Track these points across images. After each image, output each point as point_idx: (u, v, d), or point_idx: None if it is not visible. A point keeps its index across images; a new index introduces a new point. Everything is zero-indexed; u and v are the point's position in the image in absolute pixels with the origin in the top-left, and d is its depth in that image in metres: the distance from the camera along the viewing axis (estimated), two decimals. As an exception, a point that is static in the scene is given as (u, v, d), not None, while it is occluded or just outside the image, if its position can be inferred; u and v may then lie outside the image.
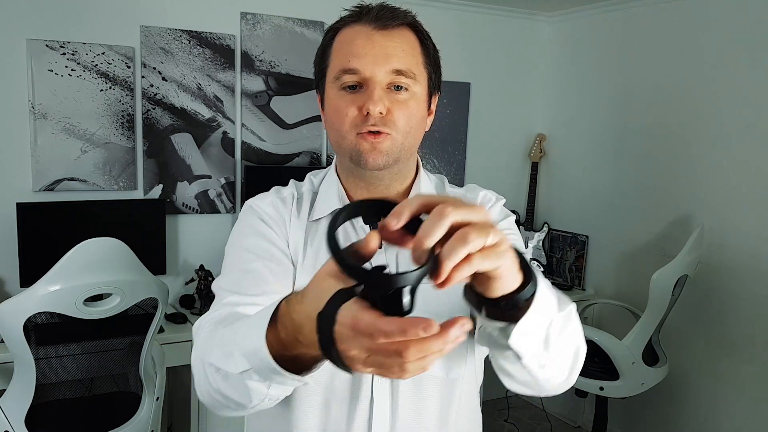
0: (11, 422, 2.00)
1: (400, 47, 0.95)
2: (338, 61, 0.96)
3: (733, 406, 2.91)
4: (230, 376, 0.74)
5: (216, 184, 3.04)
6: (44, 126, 2.66)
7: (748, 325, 2.83)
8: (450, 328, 0.52)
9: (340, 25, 0.99)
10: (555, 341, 0.76)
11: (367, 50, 0.94)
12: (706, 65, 2.95)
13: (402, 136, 0.96)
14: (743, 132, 2.82)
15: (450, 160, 3.63)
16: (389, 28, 0.95)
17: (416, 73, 0.96)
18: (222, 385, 0.77)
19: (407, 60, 0.95)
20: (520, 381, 0.86)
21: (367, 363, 0.56)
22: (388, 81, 0.94)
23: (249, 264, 0.97)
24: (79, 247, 1.90)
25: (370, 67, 0.93)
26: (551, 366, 0.80)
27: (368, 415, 0.98)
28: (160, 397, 2.27)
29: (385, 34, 0.95)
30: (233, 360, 0.73)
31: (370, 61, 0.93)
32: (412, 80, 0.96)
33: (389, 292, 0.55)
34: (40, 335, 2.13)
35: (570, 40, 3.70)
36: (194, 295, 2.90)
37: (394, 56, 0.94)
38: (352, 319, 0.55)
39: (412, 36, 0.98)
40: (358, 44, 0.94)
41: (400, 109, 0.95)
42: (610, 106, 3.46)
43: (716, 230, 2.91)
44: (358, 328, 0.54)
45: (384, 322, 0.53)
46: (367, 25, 0.95)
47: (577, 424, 3.64)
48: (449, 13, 3.51)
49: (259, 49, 3.05)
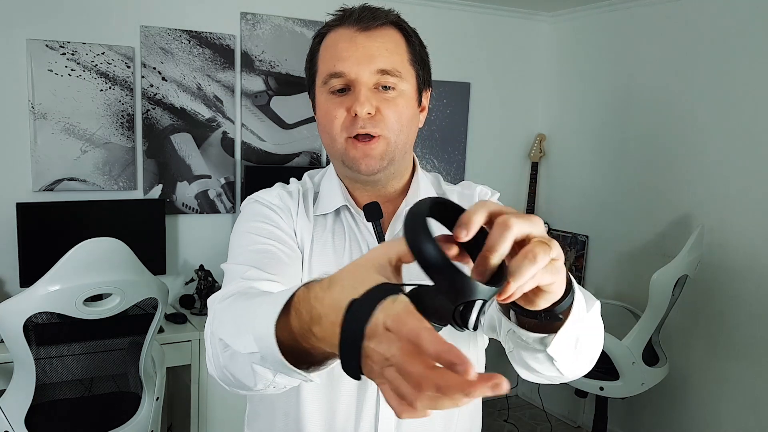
0: (11, 422, 2.00)
1: (383, 47, 0.96)
2: (324, 65, 0.98)
3: (733, 406, 2.91)
4: (237, 355, 0.70)
5: (216, 184, 3.03)
6: (44, 126, 2.66)
7: (748, 325, 2.83)
8: (482, 384, 0.43)
9: (325, 30, 1.00)
10: (584, 340, 0.76)
11: (350, 53, 0.94)
12: (706, 65, 2.95)
13: (394, 135, 0.96)
14: (743, 132, 2.81)
15: (450, 160, 3.63)
16: (371, 29, 0.96)
17: (402, 71, 0.97)
18: (229, 363, 0.73)
19: (391, 59, 0.96)
20: (545, 377, 0.85)
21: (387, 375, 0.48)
22: (374, 81, 0.95)
23: (261, 245, 0.95)
24: (79, 247, 1.90)
25: (354, 68, 0.94)
26: (580, 362, 0.80)
27: (375, 411, 0.98)
28: (160, 397, 2.27)
29: (367, 35, 0.95)
30: (242, 339, 0.67)
31: (355, 63, 0.94)
32: (398, 78, 0.96)
33: (463, 302, 0.50)
34: (40, 335, 2.13)
35: (570, 40, 3.70)
36: (194, 295, 2.90)
37: (377, 56, 0.95)
38: (395, 317, 0.48)
39: (397, 34, 0.98)
40: (342, 47, 0.95)
41: (389, 108, 0.96)
42: (610, 106, 3.46)
43: (716, 230, 2.91)
44: (399, 328, 0.47)
45: (430, 335, 0.45)
46: (350, 28, 0.96)
47: (577, 424, 3.64)
48: (449, 13, 3.51)
49: (258, 49, 3.05)
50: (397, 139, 0.97)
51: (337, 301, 0.53)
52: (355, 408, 0.98)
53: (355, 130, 0.94)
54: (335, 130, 0.96)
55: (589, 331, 0.77)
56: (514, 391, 3.89)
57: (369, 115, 0.94)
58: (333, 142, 0.97)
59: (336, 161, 1.02)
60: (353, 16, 0.96)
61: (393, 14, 0.99)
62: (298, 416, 0.99)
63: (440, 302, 0.51)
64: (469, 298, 0.50)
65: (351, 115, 0.94)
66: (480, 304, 0.51)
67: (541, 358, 0.77)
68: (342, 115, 0.95)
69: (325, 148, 1.03)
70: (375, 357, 0.49)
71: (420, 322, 0.47)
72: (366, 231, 1.01)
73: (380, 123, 0.95)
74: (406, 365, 0.46)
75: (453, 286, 0.50)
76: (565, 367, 0.78)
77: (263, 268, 0.90)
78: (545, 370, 0.80)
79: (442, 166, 3.61)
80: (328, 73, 0.96)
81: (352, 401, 0.98)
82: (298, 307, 0.59)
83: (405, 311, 0.48)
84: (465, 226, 0.54)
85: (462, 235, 0.54)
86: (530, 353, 0.77)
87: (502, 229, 0.54)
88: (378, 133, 0.95)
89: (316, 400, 0.98)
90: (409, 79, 0.98)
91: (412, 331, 0.46)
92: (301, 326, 0.58)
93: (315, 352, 0.60)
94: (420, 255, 0.50)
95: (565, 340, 0.72)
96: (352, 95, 0.95)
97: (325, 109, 0.98)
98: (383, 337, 0.48)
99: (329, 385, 0.98)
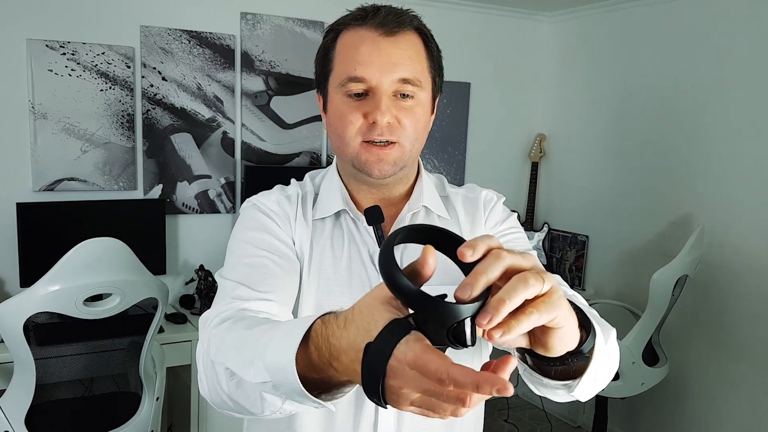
0: (11, 422, 2.00)
1: (406, 54, 0.94)
2: (343, 67, 0.95)
3: (733, 406, 2.91)
4: (244, 383, 0.70)
5: (216, 184, 3.03)
6: (44, 126, 2.66)
7: (748, 325, 2.83)
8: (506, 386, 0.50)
9: (342, 26, 0.97)
10: (603, 371, 0.75)
11: (373, 58, 0.92)
12: (706, 65, 2.95)
13: (410, 143, 0.96)
14: (743, 132, 2.81)
15: (450, 160, 3.63)
16: (396, 35, 0.93)
17: (422, 80, 0.96)
18: (234, 391, 0.73)
19: (413, 68, 0.94)
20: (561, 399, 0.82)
21: (416, 403, 0.53)
22: (394, 89, 0.93)
23: (255, 258, 0.94)
24: (79, 247, 1.90)
25: (377, 75, 0.92)
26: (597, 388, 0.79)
27: (374, 417, 0.98)
28: (160, 397, 2.27)
29: (391, 41, 0.93)
30: (253, 369, 0.68)
31: (377, 70, 0.92)
32: (418, 88, 0.95)
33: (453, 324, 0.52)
34: (40, 335, 2.13)
35: (570, 40, 3.70)
36: (194, 295, 2.90)
37: (400, 65, 0.93)
38: (415, 358, 0.51)
39: (418, 41, 0.97)
40: (364, 51, 0.93)
41: (407, 117, 0.95)
42: (610, 106, 3.46)
43: (716, 230, 2.91)
44: (425, 370, 0.50)
45: (459, 372, 0.49)
46: (373, 30, 0.93)
47: (577, 424, 3.64)
48: (449, 13, 3.50)
49: (259, 49, 3.05)
50: (412, 147, 0.97)
51: (351, 341, 0.57)
52: (354, 408, 0.98)
53: (372, 136, 0.93)
54: (349, 134, 0.95)
55: (607, 361, 0.76)
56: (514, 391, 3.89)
57: (388, 124, 0.93)
58: (346, 146, 0.96)
59: (344, 163, 1.01)
60: (378, 17, 0.93)
61: (417, 18, 0.97)
62: (299, 417, 0.99)
63: (432, 329, 0.54)
64: (454, 321, 0.52)
65: (369, 121, 0.93)
66: (468, 321, 0.53)
67: (561, 393, 0.76)
68: (359, 121, 0.94)
69: (333, 148, 1.01)
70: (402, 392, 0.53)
71: (443, 359, 0.50)
72: (366, 234, 1.00)
73: (397, 131, 0.94)
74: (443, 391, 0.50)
75: (436, 313, 0.52)
76: (583, 395, 0.76)
77: (253, 286, 0.90)
78: (561, 398, 0.79)
79: (442, 167, 3.61)
80: (347, 76, 0.93)
81: (351, 399, 0.98)
82: (317, 343, 0.61)
83: (424, 350, 0.51)
84: (472, 247, 0.55)
85: (468, 254, 0.55)
86: (551, 391, 0.76)
87: (495, 258, 0.55)
88: (395, 140, 0.94)
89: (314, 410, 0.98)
90: (426, 87, 0.97)
91: (441, 371, 0.49)
92: (321, 360, 0.61)
93: (330, 381, 0.63)
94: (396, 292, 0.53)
95: (588, 379, 0.72)
96: (371, 101, 0.93)
97: (341, 112, 0.95)
98: (408, 376, 0.51)
99: None
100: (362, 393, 0.97)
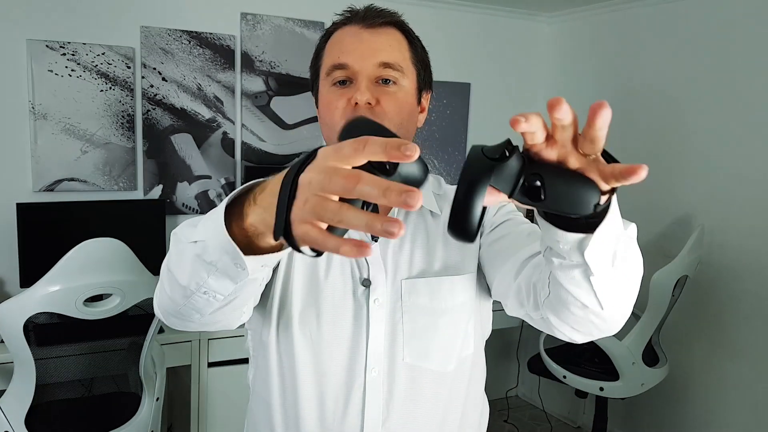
0: (11, 422, 2.00)
1: (386, 42, 1.00)
2: (329, 58, 1.02)
3: (733, 406, 2.91)
4: (183, 253, 0.73)
5: (216, 184, 3.04)
6: (44, 126, 2.66)
7: (748, 325, 2.83)
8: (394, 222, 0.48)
9: (332, 29, 1.05)
10: (621, 259, 0.72)
11: (355, 46, 0.99)
12: (706, 65, 2.95)
13: (395, 127, 0.97)
14: (743, 132, 2.81)
15: (450, 160, 3.63)
16: (376, 26, 1.00)
17: (404, 66, 1.00)
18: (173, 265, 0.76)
19: (394, 54, 1.00)
20: (581, 315, 0.77)
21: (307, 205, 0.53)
22: (376, 75, 0.98)
23: None
24: (79, 248, 1.90)
25: (358, 61, 0.98)
26: (617, 289, 0.75)
27: (361, 405, 1.00)
28: (160, 397, 2.27)
29: (372, 32, 1.00)
30: (189, 230, 0.73)
31: (359, 56, 0.98)
32: (399, 73, 0.99)
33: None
34: (40, 335, 2.13)
35: (570, 41, 3.70)
36: (194, 296, 2.89)
37: (380, 50, 0.99)
38: (336, 146, 0.53)
39: (399, 35, 1.03)
40: (347, 42, 1.00)
41: (389, 101, 0.98)
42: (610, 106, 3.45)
43: (716, 230, 2.91)
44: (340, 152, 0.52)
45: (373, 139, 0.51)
46: (356, 25, 1.01)
47: (577, 424, 3.64)
48: (449, 14, 3.51)
49: (259, 50, 3.05)
50: (398, 132, 0.97)
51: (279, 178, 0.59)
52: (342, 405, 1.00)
53: None
54: (335, 120, 0.98)
55: (625, 249, 0.73)
56: (514, 392, 3.89)
57: (369, 105, 0.96)
58: (332, 132, 1.00)
59: None
60: (359, 15, 1.02)
61: (397, 16, 1.04)
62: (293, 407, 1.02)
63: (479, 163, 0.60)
64: None
65: (351, 104, 0.97)
66: None
67: (577, 277, 0.71)
68: (342, 105, 0.98)
69: (324, 140, 1.06)
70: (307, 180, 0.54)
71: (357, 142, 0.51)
72: None
73: (380, 114, 0.97)
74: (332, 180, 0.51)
75: None
76: (603, 289, 0.72)
77: None
78: (583, 295, 0.74)
79: (442, 167, 3.61)
80: (332, 64, 1.00)
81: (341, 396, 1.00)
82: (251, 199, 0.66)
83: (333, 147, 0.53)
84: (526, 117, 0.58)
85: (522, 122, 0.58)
86: (566, 273, 0.72)
87: None
88: None
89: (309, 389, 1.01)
90: (409, 75, 1.02)
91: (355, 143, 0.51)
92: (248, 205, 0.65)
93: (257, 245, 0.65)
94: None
95: (603, 246, 0.69)
96: (354, 87, 0.98)
97: (327, 100, 1.01)
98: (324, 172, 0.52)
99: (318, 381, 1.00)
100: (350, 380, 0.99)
